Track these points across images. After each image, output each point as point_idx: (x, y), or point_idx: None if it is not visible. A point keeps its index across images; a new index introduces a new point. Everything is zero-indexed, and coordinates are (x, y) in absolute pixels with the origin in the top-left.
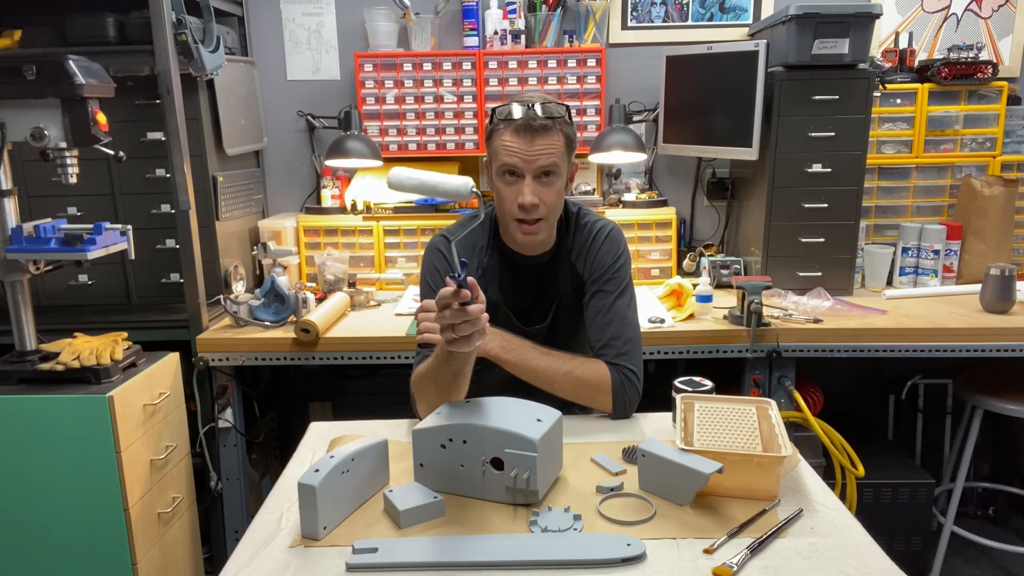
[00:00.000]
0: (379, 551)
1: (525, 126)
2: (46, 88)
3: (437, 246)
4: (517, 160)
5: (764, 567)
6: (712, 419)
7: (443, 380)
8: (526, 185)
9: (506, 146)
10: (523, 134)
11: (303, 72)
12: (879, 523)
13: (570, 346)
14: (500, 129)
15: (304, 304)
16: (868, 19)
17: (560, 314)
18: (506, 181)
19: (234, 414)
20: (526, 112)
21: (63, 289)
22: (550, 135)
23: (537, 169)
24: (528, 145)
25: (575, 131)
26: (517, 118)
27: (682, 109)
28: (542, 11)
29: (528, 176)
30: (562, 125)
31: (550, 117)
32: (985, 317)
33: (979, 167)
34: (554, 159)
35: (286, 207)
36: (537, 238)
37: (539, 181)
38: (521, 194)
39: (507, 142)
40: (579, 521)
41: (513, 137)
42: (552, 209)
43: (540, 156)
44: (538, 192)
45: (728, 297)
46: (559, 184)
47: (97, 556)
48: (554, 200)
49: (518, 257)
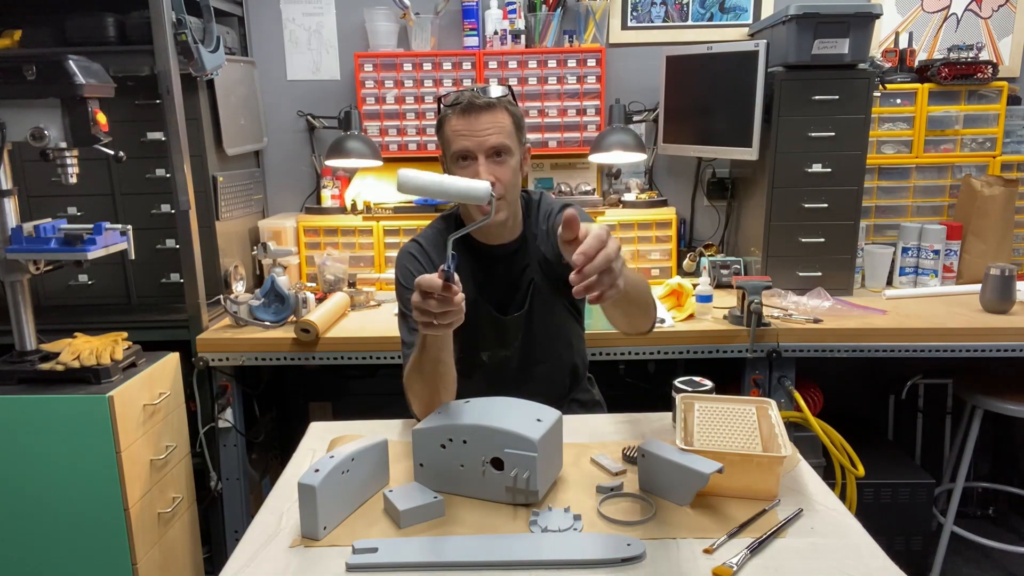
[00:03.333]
0: (379, 551)
1: (469, 106)
2: (46, 88)
3: (409, 251)
4: (467, 143)
5: (764, 567)
6: (712, 419)
7: (426, 370)
8: (480, 166)
9: (455, 130)
10: (469, 115)
11: (303, 72)
12: (879, 523)
13: (548, 332)
14: (448, 116)
15: (304, 304)
16: (868, 19)
17: (536, 301)
18: (460, 167)
19: (234, 414)
20: (469, 94)
21: (63, 289)
22: (495, 113)
23: (488, 149)
24: (475, 125)
25: (521, 112)
26: (461, 101)
27: (682, 109)
28: (542, 11)
29: (481, 156)
30: (506, 104)
31: (492, 97)
32: (985, 317)
33: (979, 167)
34: (502, 138)
35: (286, 207)
36: (499, 217)
37: (492, 161)
38: (476, 175)
39: (455, 126)
40: (579, 521)
41: (460, 119)
42: (508, 187)
43: (489, 135)
44: (493, 171)
45: (728, 297)
46: (513, 162)
47: (97, 556)
48: (509, 178)
49: (487, 248)
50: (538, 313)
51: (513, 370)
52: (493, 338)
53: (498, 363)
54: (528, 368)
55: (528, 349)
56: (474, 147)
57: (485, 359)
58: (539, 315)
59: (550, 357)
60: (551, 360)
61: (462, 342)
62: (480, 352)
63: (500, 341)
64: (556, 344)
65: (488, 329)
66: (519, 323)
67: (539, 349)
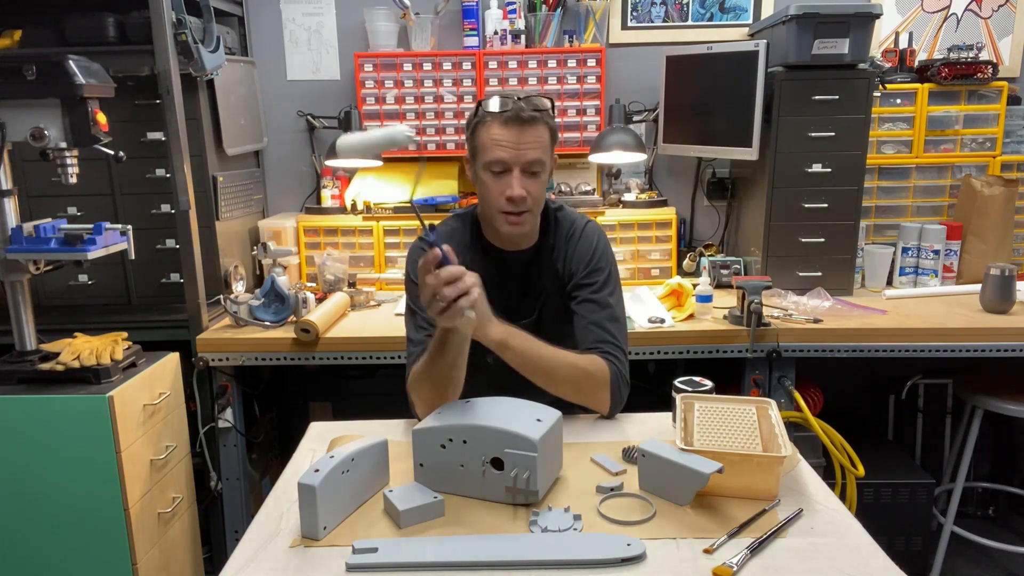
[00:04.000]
0: (379, 551)
1: (515, 118)
2: (46, 88)
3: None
4: (505, 155)
5: (764, 567)
6: (712, 419)
7: (438, 375)
8: (515, 179)
9: (495, 140)
10: (511, 126)
11: (303, 72)
12: (879, 523)
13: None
14: (487, 122)
15: (304, 304)
16: (868, 19)
17: (545, 312)
18: (493, 175)
19: (234, 414)
20: (515, 104)
21: (63, 289)
22: (537, 128)
23: (525, 164)
24: (517, 138)
25: (556, 126)
26: (507, 110)
27: (682, 109)
28: (542, 11)
29: (516, 169)
30: (547, 118)
31: (537, 110)
32: (985, 317)
33: (979, 167)
34: (539, 154)
35: (286, 207)
36: (523, 229)
37: (526, 175)
38: (510, 187)
39: (496, 136)
40: (579, 521)
41: (501, 130)
42: (537, 201)
43: (529, 150)
44: (525, 185)
45: (728, 297)
46: (544, 177)
47: (97, 556)
48: (539, 193)
49: (502, 253)
50: (546, 323)
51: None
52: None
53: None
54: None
55: None
56: (511, 160)
57: (490, 361)
58: (547, 325)
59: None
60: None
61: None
62: (486, 355)
63: None
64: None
65: None
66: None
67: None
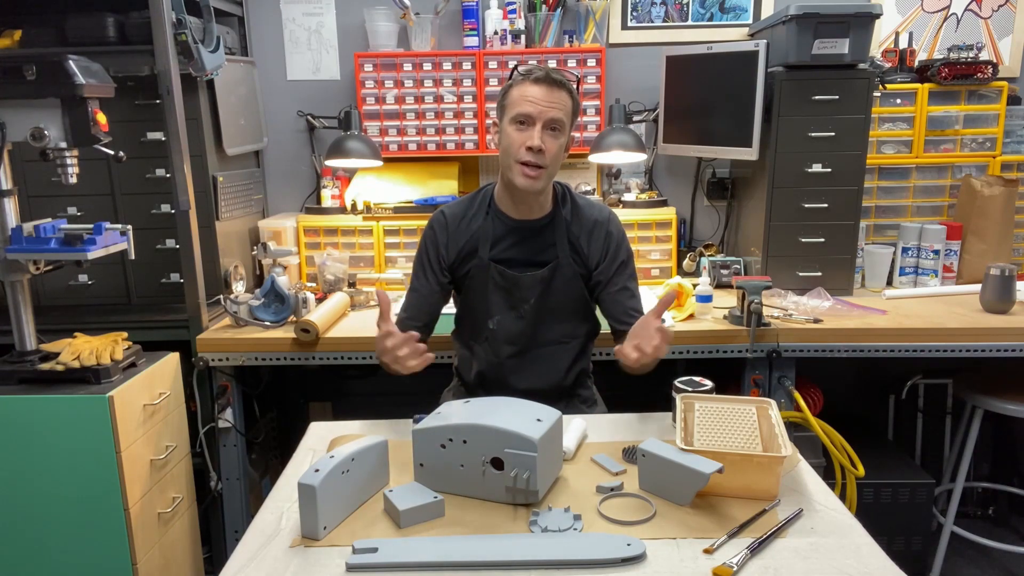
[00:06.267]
0: (379, 551)
1: (544, 78)
2: (46, 88)
3: (432, 224)
4: (531, 109)
5: (764, 567)
6: (712, 419)
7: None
8: (536, 131)
9: (524, 95)
10: (541, 85)
11: (303, 72)
12: (879, 523)
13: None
14: (519, 82)
15: (304, 304)
16: (868, 19)
17: (556, 274)
18: (517, 128)
19: (234, 414)
20: (547, 68)
21: (63, 289)
22: (562, 93)
23: (548, 120)
24: (545, 95)
25: (579, 104)
26: (539, 72)
27: (682, 109)
28: (542, 11)
29: (539, 124)
30: (572, 89)
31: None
32: (985, 317)
33: (979, 167)
34: (563, 115)
35: (286, 207)
36: (537, 184)
37: (547, 132)
38: (531, 138)
39: (526, 91)
40: (579, 521)
41: (532, 86)
42: (553, 161)
43: (553, 108)
44: (545, 141)
45: (728, 297)
46: (562, 140)
47: (97, 556)
48: (556, 153)
49: (513, 221)
50: (556, 284)
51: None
52: (503, 300)
53: (505, 332)
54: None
55: (538, 315)
56: (536, 114)
57: (492, 326)
58: (556, 286)
59: (559, 334)
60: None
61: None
62: (487, 319)
63: (510, 302)
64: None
65: (498, 292)
66: (534, 283)
67: (549, 320)
